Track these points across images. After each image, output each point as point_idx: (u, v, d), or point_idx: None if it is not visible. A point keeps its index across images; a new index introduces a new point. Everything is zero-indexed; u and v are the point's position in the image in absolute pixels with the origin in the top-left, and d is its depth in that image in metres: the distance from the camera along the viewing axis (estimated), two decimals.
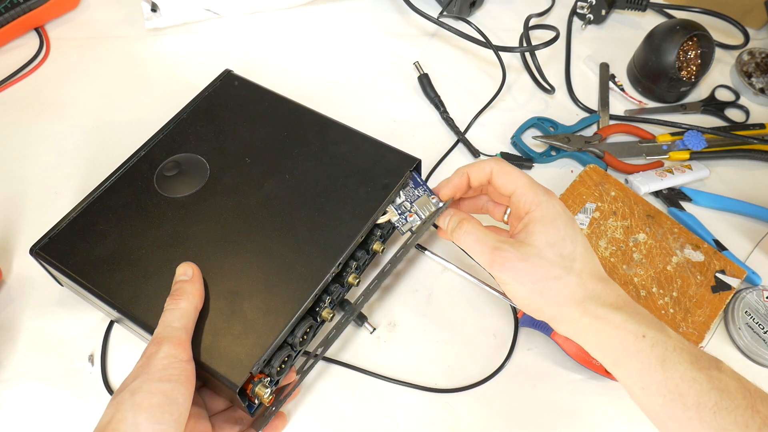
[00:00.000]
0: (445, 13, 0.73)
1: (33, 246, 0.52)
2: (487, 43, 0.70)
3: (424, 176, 0.65)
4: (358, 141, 0.58)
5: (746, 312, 0.58)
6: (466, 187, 0.51)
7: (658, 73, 0.71)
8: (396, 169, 0.56)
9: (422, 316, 0.57)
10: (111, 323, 0.55)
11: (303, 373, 0.50)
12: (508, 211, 0.51)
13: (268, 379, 0.48)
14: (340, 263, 0.51)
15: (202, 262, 0.51)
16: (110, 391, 0.52)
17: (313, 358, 0.51)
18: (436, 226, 0.52)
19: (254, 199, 0.55)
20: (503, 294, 0.56)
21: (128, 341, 0.54)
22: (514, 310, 0.58)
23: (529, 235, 0.45)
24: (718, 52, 0.75)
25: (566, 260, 0.44)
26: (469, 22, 0.71)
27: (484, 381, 0.54)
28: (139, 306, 0.49)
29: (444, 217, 0.50)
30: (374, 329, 0.56)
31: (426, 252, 0.55)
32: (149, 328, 0.49)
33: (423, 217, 0.52)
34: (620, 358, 0.42)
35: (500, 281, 0.45)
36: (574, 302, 0.43)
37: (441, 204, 0.52)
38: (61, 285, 0.55)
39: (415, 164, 0.56)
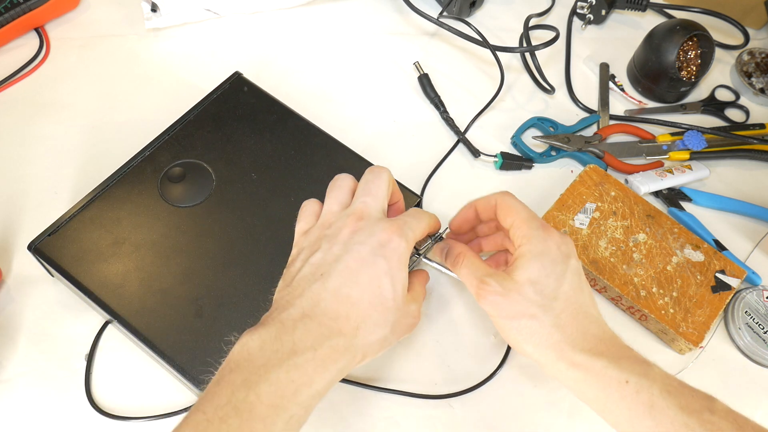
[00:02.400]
0: (445, 13, 0.73)
1: (32, 242, 0.52)
2: (484, 43, 0.70)
3: (424, 178, 0.66)
4: (364, 169, 0.58)
5: (746, 312, 0.58)
6: (474, 219, 0.51)
7: (658, 73, 0.71)
8: None
9: (422, 315, 0.57)
10: (105, 324, 0.54)
11: None
12: None
13: None
14: None
15: (201, 278, 0.51)
16: (89, 393, 0.51)
17: None
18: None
19: (258, 219, 0.55)
20: None
21: (122, 343, 0.54)
22: None
23: (514, 269, 0.44)
24: (718, 52, 0.75)
25: (546, 299, 0.43)
26: (468, 23, 0.71)
27: (481, 384, 0.54)
28: (129, 310, 0.50)
29: (441, 249, 0.50)
30: None
31: (422, 258, 0.55)
32: (137, 332, 0.49)
33: (418, 248, 0.52)
34: (606, 406, 0.42)
35: (486, 312, 0.45)
36: (550, 345, 0.42)
37: (433, 238, 0.51)
38: (52, 276, 0.55)
39: (417, 202, 0.57)
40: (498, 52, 0.71)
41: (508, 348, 0.56)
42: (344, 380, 0.53)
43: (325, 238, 0.43)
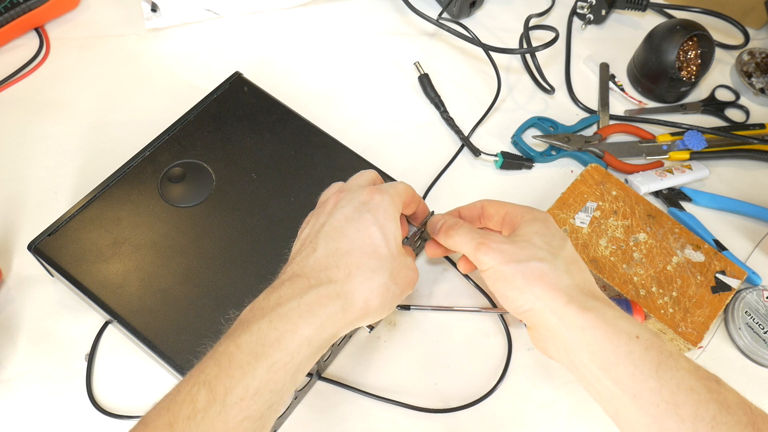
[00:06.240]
0: (444, 14, 0.73)
1: (32, 242, 0.52)
2: (477, 42, 0.70)
3: (424, 178, 0.66)
4: (363, 169, 0.58)
5: (746, 312, 0.58)
6: (474, 216, 0.50)
7: (658, 73, 0.71)
8: None
9: (423, 315, 0.57)
10: (105, 324, 0.54)
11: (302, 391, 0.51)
12: None
13: None
14: None
15: (201, 278, 0.51)
16: (90, 392, 0.51)
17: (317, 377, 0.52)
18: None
19: (258, 219, 0.55)
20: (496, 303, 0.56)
21: (123, 343, 0.54)
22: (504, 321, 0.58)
23: (517, 230, 0.46)
24: (718, 52, 0.75)
25: (554, 248, 0.44)
26: (464, 27, 0.71)
27: (484, 398, 0.54)
28: (129, 310, 0.50)
29: (435, 224, 0.49)
30: (372, 328, 0.56)
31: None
32: (137, 332, 0.49)
33: (408, 237, 0.53)
34: (610, 360, 0.39)
35: (484, 266, 0.44)
36: (561, 287, 0.41)
37: (421, 225, 0.52)
38: (52, 276, 0.55)
39: None
40: (498, 53, 0.71)
41: (507, 360, 0.56)
42: (346, 386, 0.53)
43: (314, 216, 0.45)
